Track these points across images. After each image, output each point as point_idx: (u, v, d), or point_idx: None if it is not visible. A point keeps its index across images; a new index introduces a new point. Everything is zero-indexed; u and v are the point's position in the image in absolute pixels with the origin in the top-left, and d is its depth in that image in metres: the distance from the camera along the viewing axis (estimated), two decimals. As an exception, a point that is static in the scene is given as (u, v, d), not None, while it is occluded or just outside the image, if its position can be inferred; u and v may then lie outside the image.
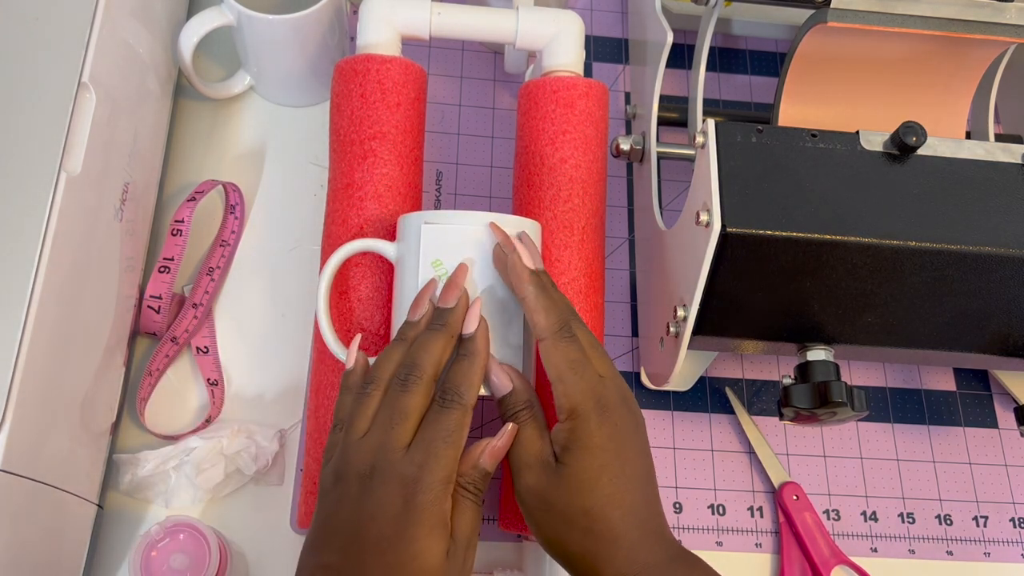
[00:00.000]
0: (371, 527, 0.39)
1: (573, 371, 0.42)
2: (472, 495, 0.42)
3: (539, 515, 0.42)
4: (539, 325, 0.43)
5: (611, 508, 0.41)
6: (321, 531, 0.41)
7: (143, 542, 0.50)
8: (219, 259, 0.62)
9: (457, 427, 0.41)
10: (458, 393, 0.42)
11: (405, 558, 0.39)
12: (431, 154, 0.68)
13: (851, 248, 0.46)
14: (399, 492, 0.40)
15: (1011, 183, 0.48)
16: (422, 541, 0.39)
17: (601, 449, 0.42)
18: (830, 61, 0.59)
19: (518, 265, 0.44)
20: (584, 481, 0.41)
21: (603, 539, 0.41)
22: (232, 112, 0.68)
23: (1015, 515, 0.62)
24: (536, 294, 0.44)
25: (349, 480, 0.41)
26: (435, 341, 0.44)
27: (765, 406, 0.63)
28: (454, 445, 0.41)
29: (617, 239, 0.68)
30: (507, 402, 0.44)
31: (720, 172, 0.47)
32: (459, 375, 0.43)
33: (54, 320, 0.46)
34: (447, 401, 0.42)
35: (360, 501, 0.40)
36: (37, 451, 0.45)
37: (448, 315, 0.44)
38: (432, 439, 0.41)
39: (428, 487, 0.40)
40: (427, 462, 0.40)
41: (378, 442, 0.41)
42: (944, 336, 0.52)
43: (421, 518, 0.39)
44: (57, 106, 0.48)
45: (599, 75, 0.74)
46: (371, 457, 0.41)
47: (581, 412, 0.42)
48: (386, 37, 0.57)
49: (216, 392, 0.59)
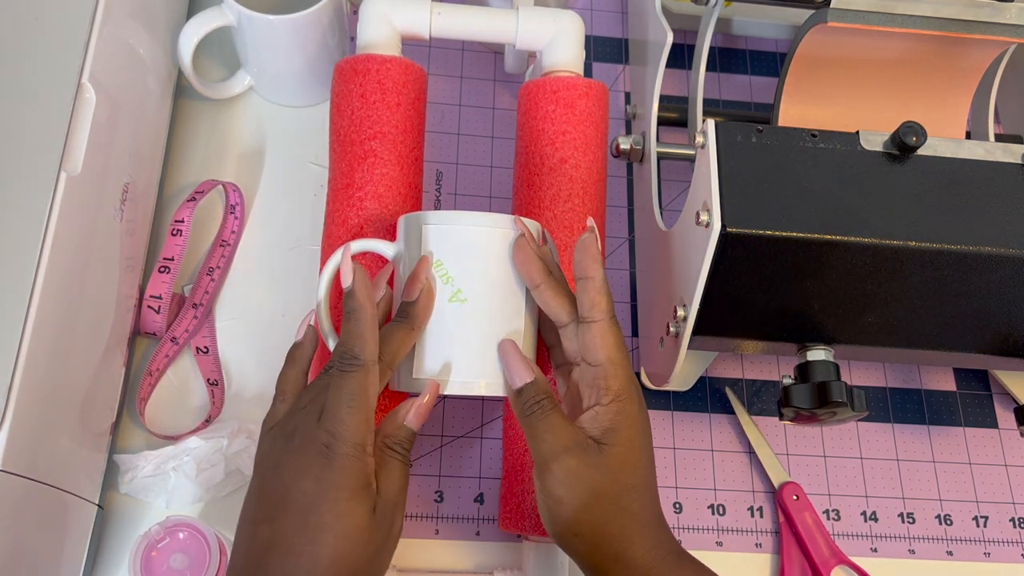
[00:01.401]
0: (295, 493, 0.41)
1: (623, 354, 0.44)
2: (399, 455, 0.43)
3: (578, 497, 0.42)
4: (600, 306, 0.44)
5: (646, 490, 0.43)
6: (253, 500, 0.43)
7: (143, 542, 0.50)
8: (219, 259, 0.62)
9: (359, 388, 0.42)
10: (352, 355, 0.42)
11: (329, 519, 0.40)
12: (431, 154, 0.68)
13: (851, 248, 0.46)
14: (316, 459, 0.41)
15: (1011, 183, 0.48)
16: (343, 503, 0.40)
17: (642, 431, 0.44)
18: (830, 61, 0.59)
19: (592, 248, 0.44)
20: (629, 460, 0.43)
21: (637, 519, 0.43)
22: (232, 112, 0.68)
23: (1015, 515, 0.62)
24: (604, 277, 0.44)
25: (278, 444, 0.42)
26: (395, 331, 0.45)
27: (765, 406, 0.63)
28: (360, 409, 0.41)
29: (617, 239, 0.68)
30: (528, 391, 0.44)
31: (720, 172, 0.47)
32: (349, 335, 0.43)
33: (54, 320, 0.46)
34: (344, 364, 0.42)
35: (285, 468, 0.41)
36: (37, 451, 0.45)
37: (411, 309, 0.45)
38: (337, 406, 0.41)
39: (341, 453, 0.40)
40: (336, 429, 0.41)
41: (303, 413, 0.43)
42: (944, 336, 0.52)
43: (340, 481, 0.40)
44: (57, 106, 0.48)
45: (599, 75, 0.74)
46: (295, 420, 0.42)
47: (626, 394, 0.43)
48: (386, 37, 0.57)
49: (216, 392, 0.59)
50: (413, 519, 0.58)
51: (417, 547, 0.57)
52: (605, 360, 0.43)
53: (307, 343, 0.47)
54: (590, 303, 0.44)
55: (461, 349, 0.46)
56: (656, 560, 0.42)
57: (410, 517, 0.58)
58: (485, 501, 0.59)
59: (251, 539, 0.41)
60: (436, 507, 0.58)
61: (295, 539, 0.40)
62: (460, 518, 0.58)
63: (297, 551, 0.40)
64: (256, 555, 0.41)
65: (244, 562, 0.41)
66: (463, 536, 0.58)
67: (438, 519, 0.58)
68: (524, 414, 0.44)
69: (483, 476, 0.59)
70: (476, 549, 0.57)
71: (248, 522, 0.42)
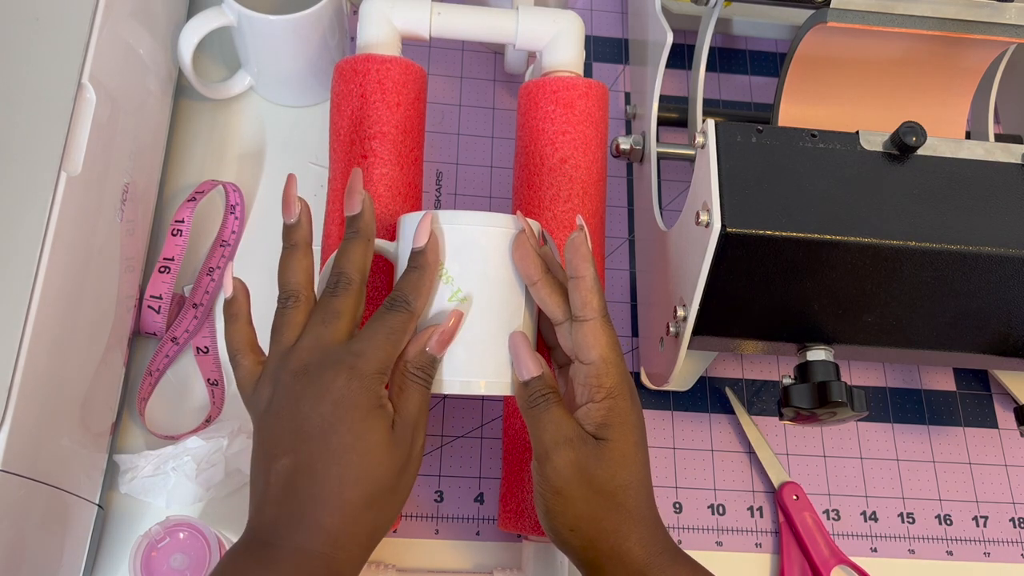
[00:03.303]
0: (312, 418, 0.41)
1: (615, 352, 0.44)
2: (420, 379, 0.44)
3: (576, 489, 0.43)
4: (592, 305, 0.44)
5: (641, 487, 0.44)
6: (265, 439, 0.43)
7: (143, 542, 0.50)
8: (219, 259, 0.62)
9: (401, 327, 0.43)
10: (405, 300, 0.44)
11: (349, 440, 0.41)
12: (431, 154, 0.68)
13: (851, 248, 0.46)
14: (334, 380, 0.41)
15: (1011, 183, 0.48)
16: (362, 423, 0.41)
17: (635, 427, 0.44)
18: (830, 61, 0.59)
19: (583, 248, 0.44)
20: (625, 456, 0.43)
21: (632, 516, 0.43)
22: (232, 112, 0.68)
23: (1015, 515, 0.62)
24: (595, 275, 0.45)
25: (284, 382, 0.42)
26: (354, 248, 0.45)
27: (765, 406, 0.63)
28: (393, 343, 0.43)
29: (617, 239, 0.68)
30: (534, 384, 0.44)
31: (720, 172, 0.47)
32: (408, 284, 0.44)
33: (54, 320, 0.46)
34: (395, 304, 0.44)
35: (300, 397, 0.42)
36: (37, 451, 0.45)
37: (358, 221, 0.46)
38: (375, 332, 0.43)
39: (363, 373, 0.41)
40: (365, 351, 0.42)
41: (313, 340, 0.43)
42: (944, 336, 0.52)
43: (358, 401, 0.41)
44: (57, 106, 0.48)
45: (599, 75, 0.74)
46: (305, 355, 0.43)
47: (618, 392, 0.44)
48: (386, 37, 0.57)
49: (216, 392, 0.59)
50: (413, 519, 0.58)
51: (417, 547, 0.57)
52: (597, 358, 0.44)
53: (239, 296, 0.47)
54: (582, 302, 0.44)
55: (461, 348, 0.46)
56: (652, 557, 0.43)
57: (410, 517, 0.58)
58: (485, 501, 0.59)
59: (272, 473, 0.42)
60: (436, 507, 0.58)
61: (319, 462, 0.41)
62: (460, 518, 0.58)
63: (323, 473, 0.40)
64: (280, 485, 0.41)
65: (266, 496, 0.41)
66: (463, 536, 0.58)
67: (438, 519, 0.58)
68: (528, 406, 0.44)
69: (483, 476, 0.59)
70: (476, 549, 0.57)
71: (264, 459, 0.42)
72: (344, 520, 0.40)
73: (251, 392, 0.44)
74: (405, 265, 0.48)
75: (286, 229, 0.47)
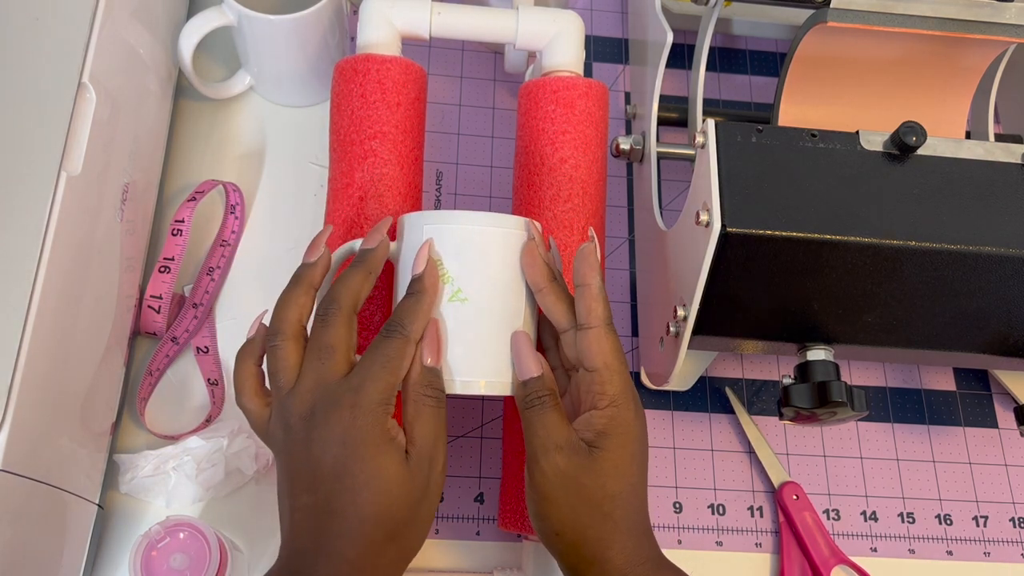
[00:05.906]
0: (325, 460, 0.41)
1: (619, 360, 0.44)
2: (431, 396, 0.43)
3: (563, 496, 0.43)
4: (596, 313, 0.44)
5: (632, 497, 0.44)
6: (286, 478, 0.43)
7: (143, 542, 0.50)
8: (219, 259, 0.62)
9: (397, 354, 0.42)
10: (401, 325, 0.43)
11: (363, 479, 0.41)
12: (431, 154, 0.68)
13: (851, 248, 0.46)
14: (340, 420, 0.41)
15: (1011, 183, 0.48)
16: (372, 461, 0.41)
17: (636, 439, 0.44)
18: (830, 61, 0.59)
19: (591, 257, 0.45)
20: (618, 466, 0.43)
21: (619, 526, 0.43)
22: (232, 112, 0.68)
23: (1015, 515, 0.62)
24: (601, 284, 0.45)
25: (293, 427, 0.42)
26: (353, 276, 0.45)
27: (765, 406, 0.63)
28: (392, 371, 0.42)
29: (617, 239, 0.68)
30: (534, 385, 0.44)
31: (720, 172, 0.47)
32: (405, 310, 0.44)
33: (54, 320, 0.46)
34: (391, 331, 0.43)
35: (309, 441, 0.42)
36: (37, 451, 0.45)
37: (368, 254, 0.46)
38: (372, 363, 0.42)
39: (365, 408, 0.41)
40: (363, 384, 0.41)
41: (312, 381, 0.42)
42: (944, 336, 0.52)
43: (365, 437, 0.41)
44: (57, 106, 0.48)
45: (599, 75, 0.74)
46: (310, 397, 0.42)
47: (622, 401, 0.43)
48: (386, 37, 0.57)
49: (216, 392, 0.59)
50: (413, 519, 0.58)
51: (417, 547, 0.57)
52: (601, 366, 0.44)
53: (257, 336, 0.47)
54: (587, 309, 0.44)
55: (461, 348, 0.45)
56: (633, 567, 0.43)
57: (410, 517, 0.58)
58: (485, 501, 0.59)
59: (296, 510, 0.42)
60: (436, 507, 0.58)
61: (336, 502, 0.41)
62: (460, 518, 0.58)
63: (341, 512, 0.41)
64: (304, 519, 0.41)
65: (293, 527, 0.42)
66: (463, 536, 0.58)
67: (438, 519, 0.58)
68: (525, 407, 0.44)
69: (483, 476, 0.59)
70: (476, 549, 0.57)
71: (289, 494, 0.43)
72: (367, 552, 0.41)
73: (264, 434, 0.45)
74: (404, 265, 0.48)
75: (302, 265, 0.46)
